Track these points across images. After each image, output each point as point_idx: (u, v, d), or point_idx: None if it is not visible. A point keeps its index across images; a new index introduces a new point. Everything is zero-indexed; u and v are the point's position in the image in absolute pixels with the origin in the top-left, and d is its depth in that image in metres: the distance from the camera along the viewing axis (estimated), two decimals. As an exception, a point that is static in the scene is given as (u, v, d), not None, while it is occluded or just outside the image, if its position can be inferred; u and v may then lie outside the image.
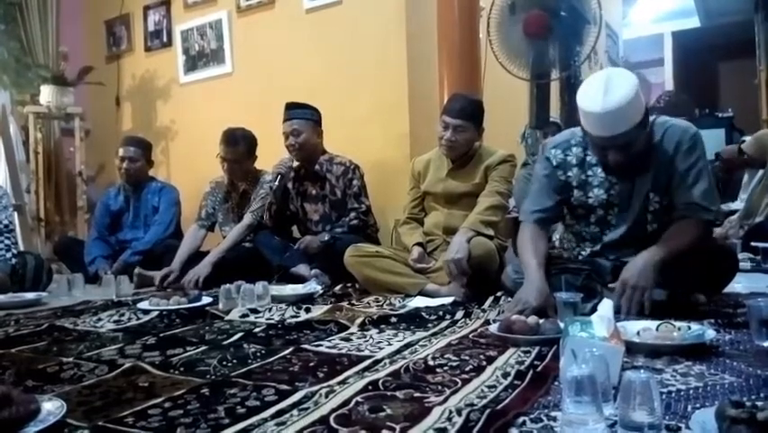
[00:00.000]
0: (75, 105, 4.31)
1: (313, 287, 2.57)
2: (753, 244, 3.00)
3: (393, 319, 1.90)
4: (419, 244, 2.59)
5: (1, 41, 4.18)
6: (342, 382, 1.21)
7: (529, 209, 2.03)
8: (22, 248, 3.49)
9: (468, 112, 2.55)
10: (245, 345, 1.60)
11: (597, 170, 1.94)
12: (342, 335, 1.73)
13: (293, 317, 2.06)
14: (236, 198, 3.33)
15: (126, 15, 4.65)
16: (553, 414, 0.98)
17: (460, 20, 3.13)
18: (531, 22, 2.56)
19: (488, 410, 1.00)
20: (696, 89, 7.06)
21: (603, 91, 1.69)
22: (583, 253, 2.04)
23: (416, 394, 1.12)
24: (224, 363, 1.42)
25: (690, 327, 1.46)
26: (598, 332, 1.20)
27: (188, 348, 1.59)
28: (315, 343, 1.61)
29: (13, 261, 2.90)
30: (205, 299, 2.37)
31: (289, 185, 3.16)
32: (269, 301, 2.29)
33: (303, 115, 3.09)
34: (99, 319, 2.10)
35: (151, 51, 4.54)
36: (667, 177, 1.86)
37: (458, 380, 1.21)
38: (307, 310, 2.15)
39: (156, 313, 2.15)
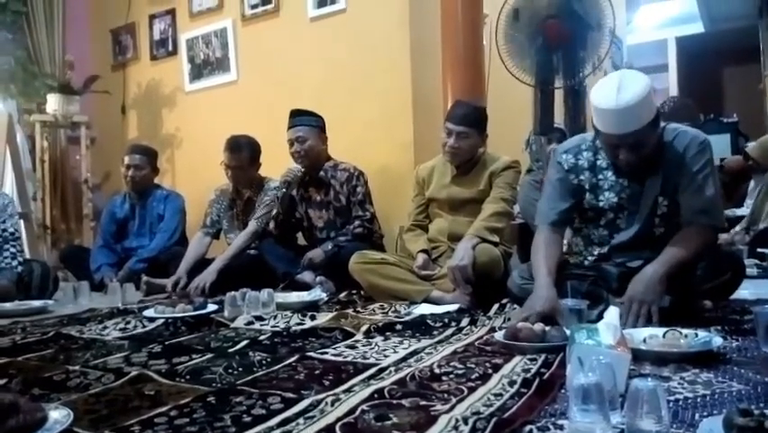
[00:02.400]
0: (81, 114, 4.34)
1: (318, 294, 2.57)
2: (759, 250, 2.98)
3: (398, 327, 1.90)
4: (424, 250, 2.59)
5: (8, 51, 4.20)
6: (348, 391, 1.21)
7: (545, 212, 2.04)
8: (28, 256, 3.50)
9: (471, 118, 2.56)
10: (251, 353, 1.60)
11: (608, 173, 1.96)
12: (348, 342, 1.73)
13: (298, 324, 2.06)
14: (241, 206, 3.34)
15: (132, 24, 4.68)
16: (559, 422, 0.98)
17: (463, 27, 3.13)
18: (552, 29, 2.56)
19: (494, 419, 1.00)
20: (700, 95, 7.05)
21: (617, 89, 1.73)
22: (591, 257, 2.04)
23: (422, 402, 1.12)
24: (230, 371, 1.42)
25: (696, 335, 1.46)
26: (605, 339, 1.20)
27: (194, 356, 1.59)
28: (321, 350, 1.61)
29: (20, 269, 2.91)
30: (211, 307, 2.37)
31: (293, 192, 3.16)
32: (275, 309, 2.29)
33: (308, 122, 3.10)
34: (105, 327, 2.10)
35: (157, 60, 4.57)
36: (676, 181, 1.88)
37: (464, 388, 1.21)
38: (312, 318, 2.15)
39: (161, 321, 2.15)
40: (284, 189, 3.05)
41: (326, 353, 1.59)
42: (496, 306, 2.22)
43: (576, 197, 2.01)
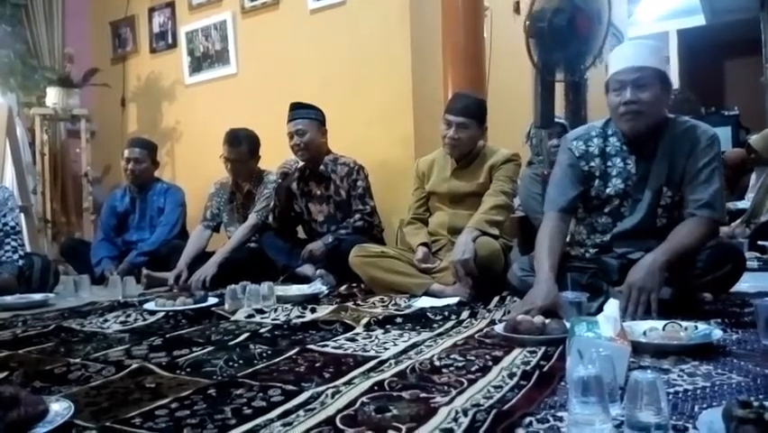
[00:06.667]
0: (81, 107, 4.34)
1: (318, 287, 2.57)
2: (759, 242, 2.98)
3: (398, 320, 1.91)
4: (424, 244, 2.59)
5: (7, 44, 4.20)
6: (348, 383, 1.21)
7: (554, 198, 2.05)
8: (28, 249, 3.49)
9: (470, 110, 2.56)
10: (251, 346, 1.61)
11: (616, 160, 1.98)
12: (348, 335, 1.73)
13: (298, 317, 2.06)
14: (241, 199, 3.34)
15: (131, 17, 4.66)
16: (559, 414, 0.98)
17: (464, 20, 3.12)
18: (581, 24, 2.57)
19: (494, 411, 1.00)
20: (702, 87, 7.02)
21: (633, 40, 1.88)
22: (592, 248, 2.04)
23: (422, 395, 1.12)
24: (231, 363, 1.42)
25: (696, 327, 1.46)
26: (605, 332, 1.20)
27: (195, 349, 1.60)
28: (321, 343, 1.62)
29: (21, 262, 2.91)
30: (211, 300, 2.37)
31: (294, 185, 3.16)
32: (275, 302, 2.29)
33: (307, 115, 3.09)
34: (106, 320, 2.11)
35: (157, 53, 4.55)
36: (681, 172, 1.89)
37: (464, 380, 1.21)
38: (313, 311, 2.15)
39: (162, 314, 2.16)
40: (280, 180, 3.04)
41: (327, 345, 1.59)
42: (496, 298, 2.23)
43: (584, 184, 2.02)
